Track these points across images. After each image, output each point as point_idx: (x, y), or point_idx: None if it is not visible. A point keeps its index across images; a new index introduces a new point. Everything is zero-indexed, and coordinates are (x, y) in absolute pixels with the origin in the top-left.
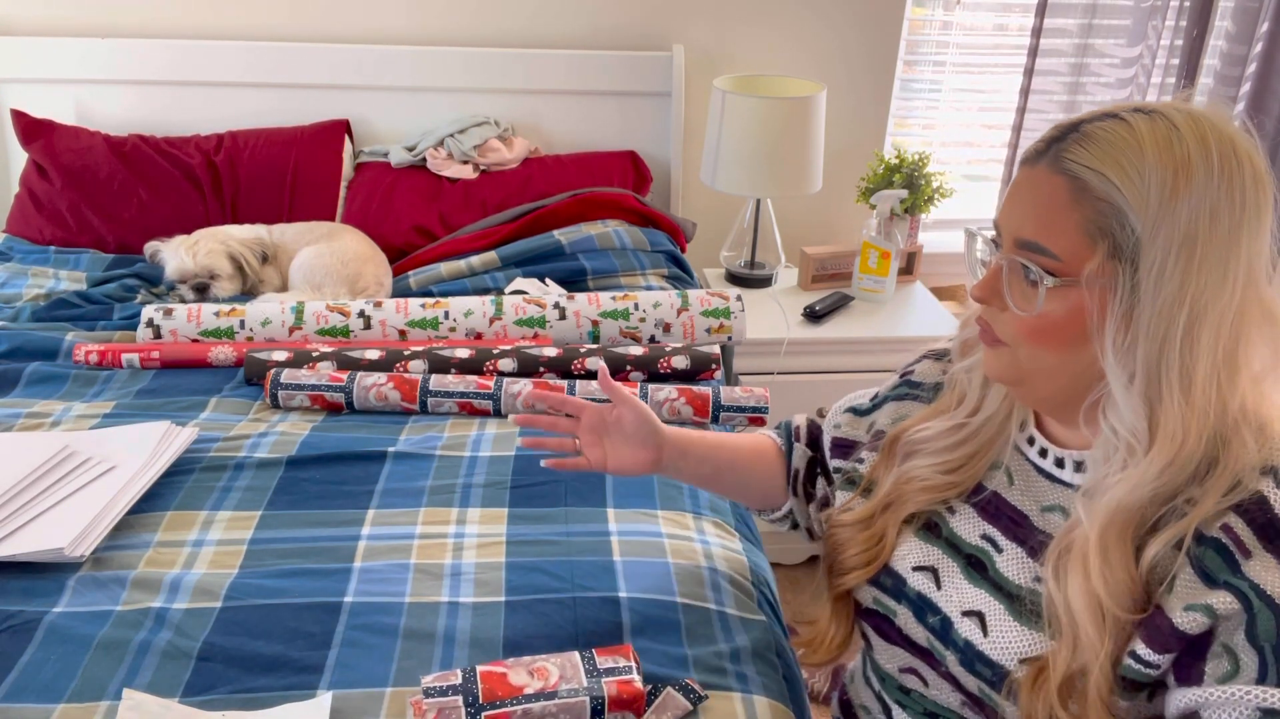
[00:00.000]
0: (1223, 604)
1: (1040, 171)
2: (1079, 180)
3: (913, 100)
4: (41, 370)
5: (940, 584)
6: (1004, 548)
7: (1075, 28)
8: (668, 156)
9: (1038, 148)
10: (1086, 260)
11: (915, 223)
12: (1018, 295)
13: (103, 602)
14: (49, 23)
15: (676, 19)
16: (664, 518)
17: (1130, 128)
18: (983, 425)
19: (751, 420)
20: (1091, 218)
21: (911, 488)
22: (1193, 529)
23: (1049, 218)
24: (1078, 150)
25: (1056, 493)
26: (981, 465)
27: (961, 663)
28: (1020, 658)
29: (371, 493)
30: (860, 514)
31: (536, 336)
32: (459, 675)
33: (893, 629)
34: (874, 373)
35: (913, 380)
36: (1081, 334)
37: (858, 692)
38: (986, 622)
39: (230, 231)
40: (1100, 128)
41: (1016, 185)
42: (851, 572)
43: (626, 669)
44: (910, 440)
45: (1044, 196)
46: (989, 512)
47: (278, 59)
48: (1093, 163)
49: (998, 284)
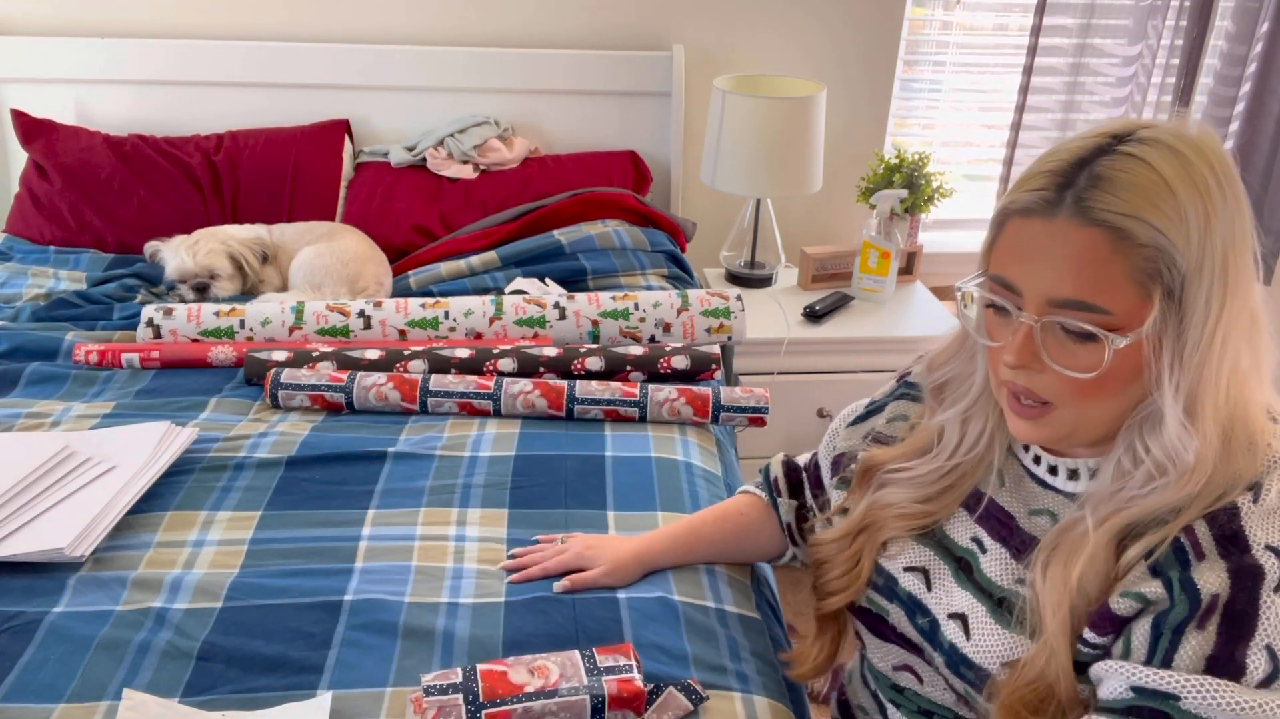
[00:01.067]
0: (1153, 592)
1: (1064, 225)
2: (1119, 230)
3: (913, 100)
4: (41, 370)
5: (930, 586)
6: (989, 548)
7: (1075, 27)
8: (668, 156)
9: (1045, 197)
10: (1141, 307)
11: (915, 223)
12: (1060, 354)
13: (103, 602)
14: (49, 23)
15: (676, 19)
16: (664, 518)
17: (1144, 164)
18: (962, 462)
19: (751, 420)
20: (1140, 266)
21: (888, 514)
22: (1171, 537)
23: (1092, 274)
24: (1105, 198)
25: (1047, 498)
26: (956, 497)
27: (947, 665)
28: (1002, 661)
29: (371, 493)
30: (838, 533)
31: (536, 337)
32: (459, 674)
33: (886, 628)
34: (874, 373)
35: (910, 381)
36: (1131, 376)
37: (855, 692)
38: (969, 624)
39: (230, 231)
40: (1114, 169)
41: (1032, 239)
42: (834, 594)
43: (627, 668)
44: (886, 475)
45: (1079, 252)
46: (979, 513)
47: (278, 59)
48: (1128, 209)
49: (1032, 347)
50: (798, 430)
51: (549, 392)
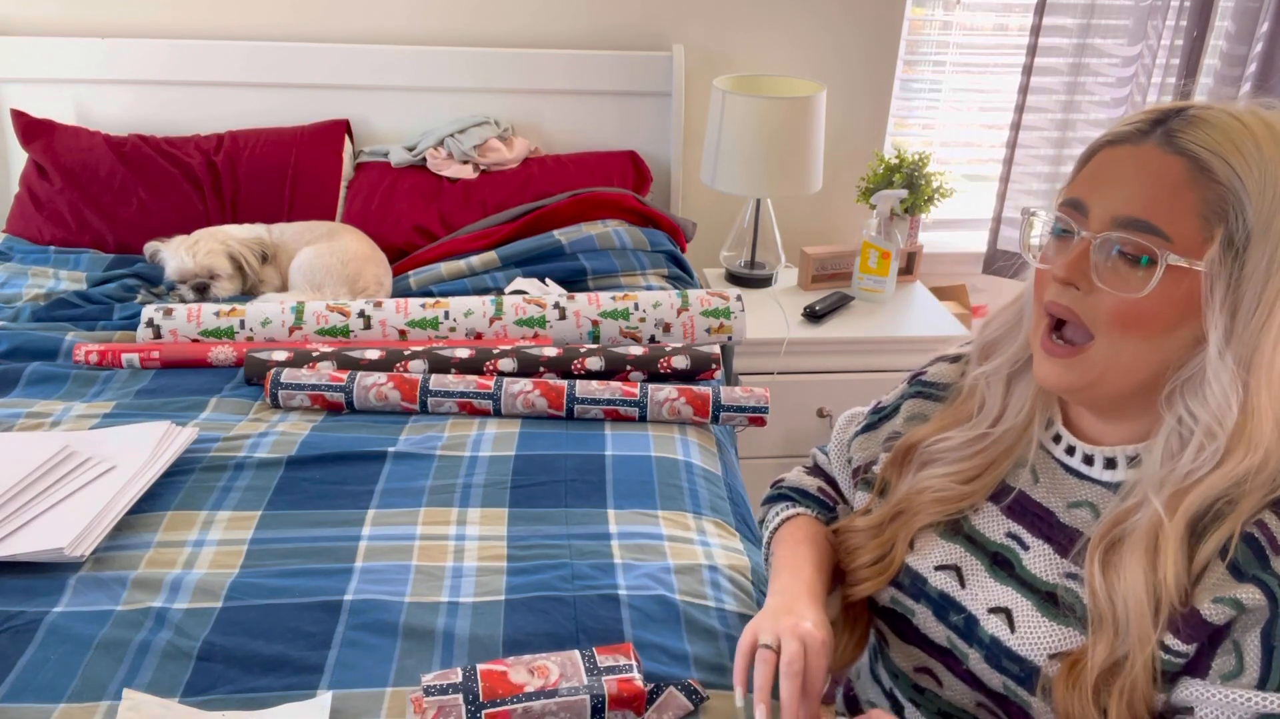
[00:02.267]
0: (1250, 598)
1: (1149, 151)
2: (1199, 161)
3: (913, 100)
4: (41, 370)
5: (964, 583)
6: (1030, 545)
7: (1075, 27)
8: (668, 156)
9: (1139, 127)
10: (1201, 244)
11: (915, 223)
12: (1111, 276)
13: (103, 602)
14: (49, 23)
15: (676, 19)
16: (664, 518)
17: (1236, 119)
18: (1003, 434)
19: (751, 420)
20: (1211, 201)
21: (924, 498)
22: (1239, 529)
23: (1163, 197)
24: (1195, 132)
25: (1085, 489)
26: (996, 475)
27: (987, 659)
28: (1050, 653)
29: (371, 493)
30: (873, 520)
31: (536, 336)
32: (459, 674)
33: (910, 628)
34: (874, 373)
35: (926, 381)
36: (1176, 321)
37: (864, 688)
38: (1014, 618)
39: (230, 231)
40: (1208, 113)
41: (1114, 162)
42: (864, 581)
43: (627, 667)
44: (928, 450)
45: (1156, 175)
46: (1014, 510)
47: (278, 59)
48: (1214, 146)
49: (1085, 265)
50: (798, 430)
51: (549, 391)
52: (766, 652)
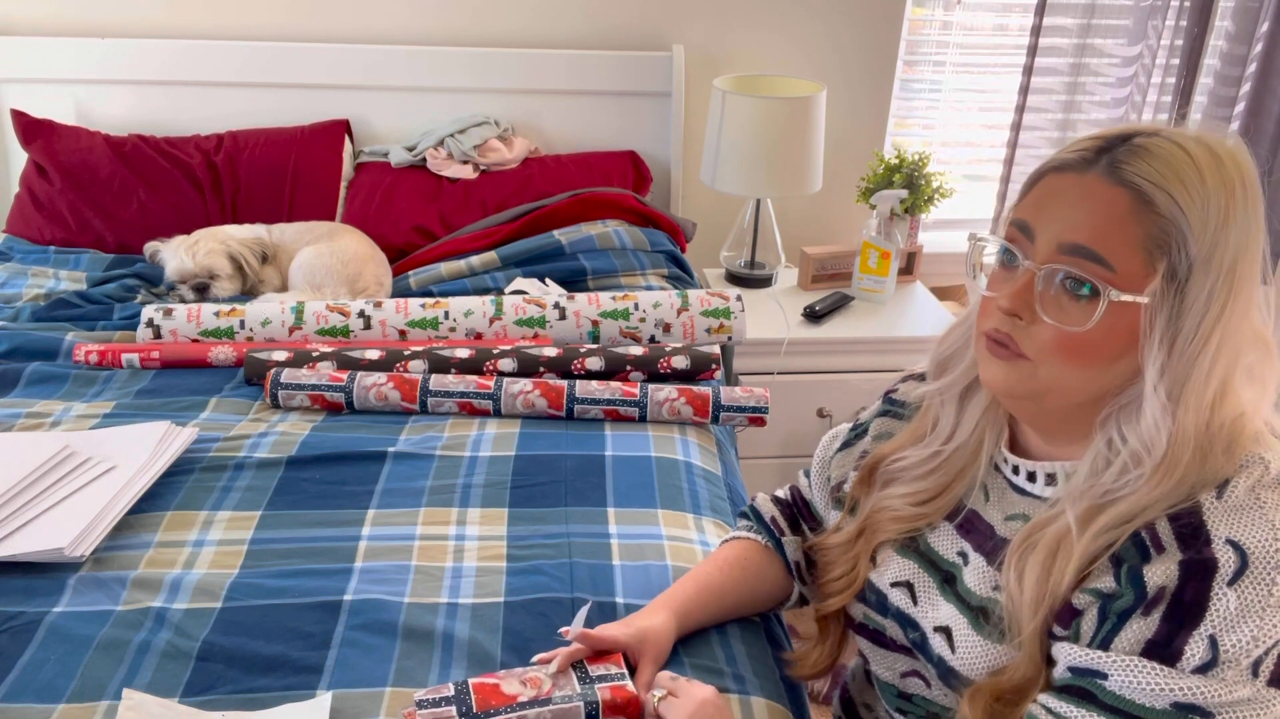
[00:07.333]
0: (1107, 585)
1: (1094, 181)
2: (1143, 194)
3: (913, 100)
4: (41, 370)
5: (916, 600)
6: (971, 560)
7: (1075, 27)
8: (668, 156)
9: (1083, 155)
10: (1144, 277)
11: (915, 223)
12: (1053, 308)
13: (103, 602)
14: (49, 23)
15: (676, 19)
16: (664, 518)
17: (1181, 149)
18: (955, 453)
19: (751, 420)
20: (1154, 234)
21: (883, 518)
22: (1131, 532)
23: (1107, 228)
24: (1138, 163)
25: (1023, 503)
26: (951, 498)
27: (939, 676)
28: (988, 671)
29: (371, 493)
30: (842, 537)
31: (536, 337)
32: (451, 688)
33: (886, 639)
34: (874, 373)
35: (895, 399)
36: (1118, 352)
37: (860, 690)
38: (954, 637)
39: (230, 231)
40: (1153, 144)
41: (1060, 189)
42: (834, 595)
43: (619, 676)
44: (888, 469)
45: (1100, 205)
46: (965, 528)
47: (277, 59)
48: (1157, 179)
49: (1029, 296)
50: (798, 430)
51: (549, 391)
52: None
